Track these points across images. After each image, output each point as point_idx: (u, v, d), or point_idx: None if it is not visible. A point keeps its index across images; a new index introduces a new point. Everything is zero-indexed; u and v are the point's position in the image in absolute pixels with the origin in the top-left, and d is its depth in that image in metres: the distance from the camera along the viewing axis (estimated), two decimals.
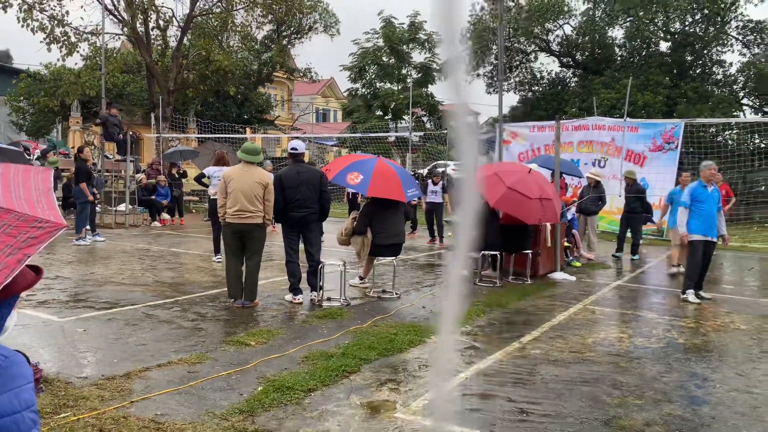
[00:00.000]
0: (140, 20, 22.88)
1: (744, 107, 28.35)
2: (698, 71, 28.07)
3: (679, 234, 8.02)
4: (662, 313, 7.37)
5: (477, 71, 30.58)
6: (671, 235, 11.14)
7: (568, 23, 29.65)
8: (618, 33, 29.03)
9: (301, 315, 6.59)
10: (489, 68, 30.88)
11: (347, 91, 37.49)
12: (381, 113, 32.78)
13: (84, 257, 10.14)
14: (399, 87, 32.68)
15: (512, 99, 39.65)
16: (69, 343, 5.20)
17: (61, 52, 21.54)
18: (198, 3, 23.77)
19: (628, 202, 12.34)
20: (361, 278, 8.33)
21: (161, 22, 23.99)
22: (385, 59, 32.73)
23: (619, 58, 28.96)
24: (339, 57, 77.21)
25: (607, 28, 28.48)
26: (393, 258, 8.00)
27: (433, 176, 14.38)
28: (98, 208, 13.85)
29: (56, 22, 21.08)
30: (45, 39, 21.02)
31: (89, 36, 22.22)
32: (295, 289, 7.10)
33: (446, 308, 1.12)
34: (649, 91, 24.35)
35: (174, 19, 24.33)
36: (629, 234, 12.29)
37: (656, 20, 27.58)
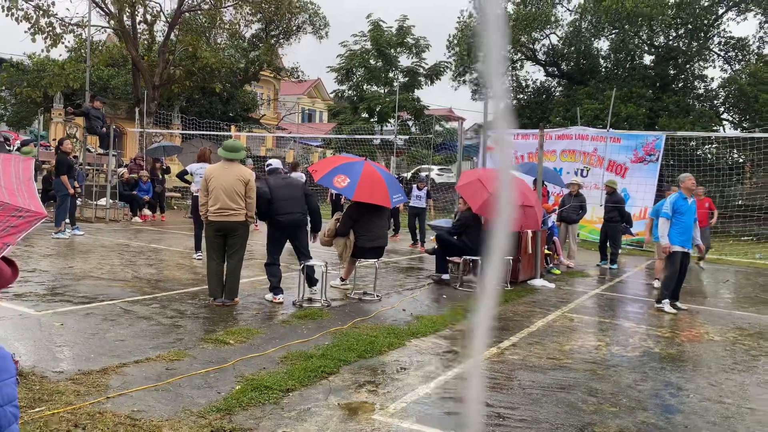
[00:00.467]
0: (127, 14, 22.69)
1: (724, 122, 28.79)
2: (680, 85, 28.45)
3: (662, 246, 8.10)
4: (639, 323, 7.47)
5: (463, 78, 30.70)
6: (655, 248, 11.24)
7: (555, 33, 29.89)
8: (603, 44, 29.35)
9: (282, 315, 6.58)
10: (475, 75, 31.01)
11: (334, 93, 37.49)
12: (367, 116, 32.81)
13: (63, 251, 10.02)
14: (385, 90, 32.76)
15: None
16: (45, 337, 5.13)
17: (46, 43, 21.27)
18: None
19: (607, 211, 12.51)
20: (343, 279, 8.34)
21: (148, 17, 23.81)
22: (373, 62, 32.80)
23: (604, 70, 29.23)
24: (326, 58, 77.08)
25: (593, 40, 28.75)
26: (375, 260, 8.02)
27: (418, 181, 14.44)
28: (78, 202, 13.69)
29: (42, 12, 20.80)
30: (30, 29, 20.72)
31: (75, 28, 21.97)
32: (275, 288, 7.08)
33: (480, 318, 1.11)
34: (632, 103, 24.62)
35: (161, 14, 24.17)
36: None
37: (641, 33, 27.91)
